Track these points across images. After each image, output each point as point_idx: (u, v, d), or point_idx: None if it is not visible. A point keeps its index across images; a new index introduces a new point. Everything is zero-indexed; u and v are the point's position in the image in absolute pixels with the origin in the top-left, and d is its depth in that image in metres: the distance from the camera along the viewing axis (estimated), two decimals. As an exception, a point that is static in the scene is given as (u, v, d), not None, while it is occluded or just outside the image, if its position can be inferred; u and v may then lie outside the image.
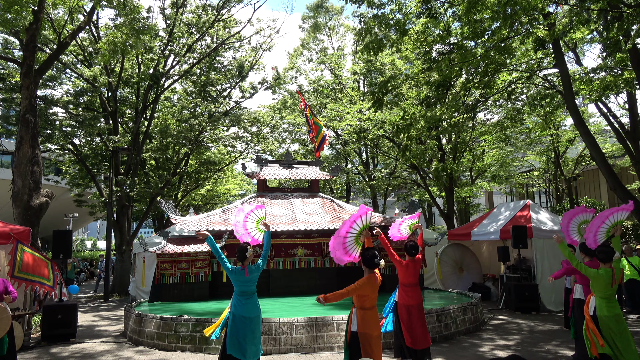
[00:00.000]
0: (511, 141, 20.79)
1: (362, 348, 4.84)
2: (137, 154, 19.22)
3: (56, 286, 9.15)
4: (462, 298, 10.93)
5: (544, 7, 10.44)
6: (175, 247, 11.38)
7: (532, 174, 25.32)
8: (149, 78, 18.97)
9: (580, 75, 14.06)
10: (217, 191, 31.45)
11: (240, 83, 22.97)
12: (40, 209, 11.50)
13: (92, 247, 67.23)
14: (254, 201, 13.34)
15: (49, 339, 9.02)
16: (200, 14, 19.91)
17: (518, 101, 15.96)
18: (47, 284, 8.85)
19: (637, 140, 12.42)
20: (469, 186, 22.05)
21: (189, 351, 7.86)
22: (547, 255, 12.14)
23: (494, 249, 14.07)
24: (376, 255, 5.15)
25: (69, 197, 25.50)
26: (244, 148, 25.29)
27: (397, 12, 11.86)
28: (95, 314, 13.15)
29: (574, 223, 6.41)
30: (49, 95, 20.10)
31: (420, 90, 16.86)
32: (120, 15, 14.35)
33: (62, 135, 18.58)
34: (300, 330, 7.80)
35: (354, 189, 31.43)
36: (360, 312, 4.96)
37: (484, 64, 12.22)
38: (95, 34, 19.04)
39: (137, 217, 24.17)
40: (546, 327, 9.71)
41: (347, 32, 28.37)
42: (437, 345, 8.01)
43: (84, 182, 22.73)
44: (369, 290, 4.98)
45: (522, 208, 13.64)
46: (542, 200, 29.96)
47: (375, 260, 5.10)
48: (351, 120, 21.24)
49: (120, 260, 18.76)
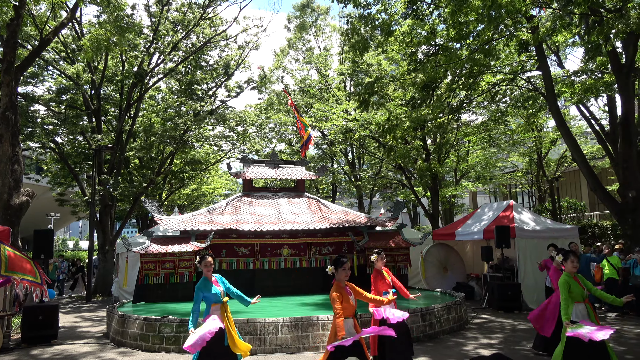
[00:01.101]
0: (495, 142, 21.08)
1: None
2: (121, 152, 18.99)
3: (44, 283, 8.99)
4: (446, 297, 11.03)
5: (527, 10, 10.60)
6: (159, 247, 11.27)
7: (515, 174, 25.69)
8: (133, 76, 18.75)
9: (563, 78, 14.33)
10: (202, 191, 31.23)
11: (226, 82, 22.84)
12: (21, 208, 11.28)
13: (74, 247, 66.17)
14: (239, 200, 13.29)
15: (30, 340, 8.86)
16: (186, 12, 19.74)
17: (502, 103, 16.18)
18: (36, 282, 8.68)
19: (616, 142, 12.68)
20: (453, 186, 22.28)
21: (173, 352, 7.80)
22: (529, 254, 12.32)
23: (478, 249, 14.23)
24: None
25: (51, 196, 25.08)
26: (229, 147, 25.17)
27: (383, 12, 11.91)
28: (77, 315, 12.95)
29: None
30: (30, 92, 19.75)
31: (405, 91, 16.99)
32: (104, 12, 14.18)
33: (44, 133, 18.25)
34: (286, 330, 7.79)
35: (340, 189, 31.51)
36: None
37: (469, 65, 12.37)
38: (79, 31, 18.75)
39: (121, 216, 23.89)
40: (528, 326, 9.85)
41: (334, 32, 28.43)
42: (421, 345, 8.08)
43: (66, 181, 22.36)
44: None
45: (505, 208, 13.82)
46: (525, 200, 30.39)
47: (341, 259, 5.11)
48: (337, 121, 21.29)
49: (103, 260, 18.51)
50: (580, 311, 5.58)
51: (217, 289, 5.47)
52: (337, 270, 5.01)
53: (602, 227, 17.47)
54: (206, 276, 5.54)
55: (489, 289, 12.68)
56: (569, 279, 5.64)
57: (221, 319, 5.41)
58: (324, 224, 12.26)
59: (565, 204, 22.83)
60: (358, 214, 13.81)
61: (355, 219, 12.80)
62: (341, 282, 5.02)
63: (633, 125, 11.91)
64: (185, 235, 11.78)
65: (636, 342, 8.17)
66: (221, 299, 5.45)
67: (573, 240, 12.24)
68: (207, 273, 5.53)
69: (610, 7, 10.14)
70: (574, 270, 5.73)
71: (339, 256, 5.22)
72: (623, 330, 9.14)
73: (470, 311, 11.66)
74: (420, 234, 16.00)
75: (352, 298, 5.00)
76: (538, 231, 12.66)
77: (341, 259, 5.09)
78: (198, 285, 5.47)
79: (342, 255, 5.30)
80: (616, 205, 12.22)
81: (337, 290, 4.94)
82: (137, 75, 18.45)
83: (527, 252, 12.35)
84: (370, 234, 12.64)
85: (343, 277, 5.02)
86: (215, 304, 5.47)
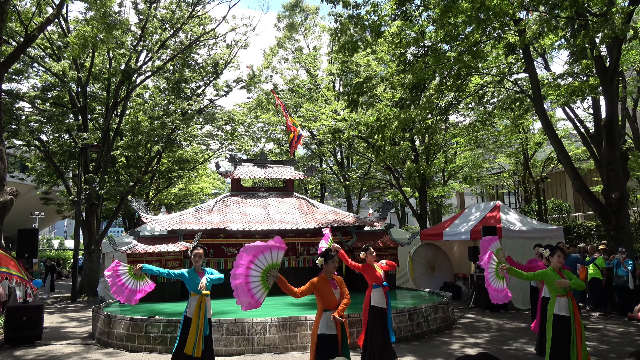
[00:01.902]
0: (482, 143, 21.28)
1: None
2: (107, 151, 18.78)
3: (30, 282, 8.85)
4: (433, 297, 11.11)
5: (515, 13, 10.72)
6: (146, 246, 11.18)
7: (502, 175, 25.94)
8: (120, 74, 18.56)
9: (549, 80, 14.52)
10: (190, 190, 31.03)
11: (215, 81, 22.71)
12: (4, 207, 11.09)
13: (60, 246, 65.25)
14: (227, 200, 13.23)
15: (13, 341, 8.71)
16: (175, 10, 19.59)
17: (489, 104, 16.35)
18: (23, 278, 8.54)
19: (601, 145, 12.88)
20: (441, 187, 22.43)
21: (160, 352, 7.73)
22: (515, 254, 12.41)
23: (465, 249, 14.35)
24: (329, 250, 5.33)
25: (35, 195, 24.69)
26: (218, 146, 25.04)
27: (372, 13, 11.95)
28: (62, 315, 12.78)
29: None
30: (15, 89, 19.42)
31: (394, 91, 17.06)
32: (91, 8, 14.01)
33: (29, 130, 17.97)
34: (274, 330, 7.78)
35: (329, 189, 31.55)
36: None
37: (457, 67, 12.46)
38: (65, 28, 18.50)
39: (107, 216, 23.62)
40: (514, 325, 9.97)
41: (323, 32, 28.46)
42: (408, 344, 8.12)
43: (51, 180, 22.04)
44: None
45: (492, 209, 13.95)
46: (512, 201, 30.71)
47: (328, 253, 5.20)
48: (326, 121, 21.31)
49: (88, 260, 18.30)
50: (562, 304, 5.67)
51: (199, 280, 5.53)
52: (326, 262, 5.09)
53: (587, 227, 17.73)
54: (195, 267, 5.64)
55: (475, 289, 12.79)
56: (552, 272, 5.74)
57: (194, 310, 5.45)
58: (313, 224, 12.26)
59: (551, 205, 23.12)
60: (346, 214, 13.84)
61: (343, 219, 12.83)
62: (327, 275, 5.08)
63: (617, 127, 12.10)
64: (173, 234, 11.70)
65: (619, 341, 8.30)
66: (198, 289, 5.48)
67: (560, 240, 12.40)
68: (195, 264, 5.64)
69: (595, 11, 10.30)
70: (559, 266, 5.81)
71: (328, 249, 5.29)
72: (606, 330, 9.29)
73: (457, 311, 11.75)
74: (408, 234, 16.08)
75: (336, 292, 5.04)
76: (524, 231, 12.80)
77: (330, 253, 5.20)
78: (187, 271, 5.63)
79: (330, 250, 5.40)
80: (600, 206, 12.41)
81: (319, 280, 5.02)
82: (124, 73, 18.27)
83: (514, 252, 12.43)
84: (358, 234, 12.67)
85: (331, 270, 5.09)
86: (195, 294, 5.54)
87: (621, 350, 7.55)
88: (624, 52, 13.37)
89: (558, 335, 5.54)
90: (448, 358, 7.17)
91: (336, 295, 5.02)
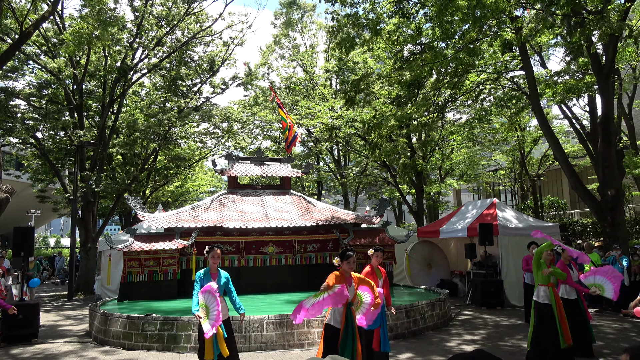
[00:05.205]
0: (479, 141, 21.33)
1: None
2: (104, 149, 18.71)
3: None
4: (430, 294, 11.13)
5: (511, 10, 10.73)
6: (143, 244, 11.15)
7: (499, 173, 26.01)
8: (116, 71, 18.47)
9: (545, 78, 14.55)
10: (187, 188, 30.95)
11: (211, 78, 22.65)
12: (0, 205, 11.05)
13: (56, 244, 65.02)
14: (224, 198, 13.21)
15: (9, 339, 8.69)
16: (171, 7, 19.49)
17: (485, 102, 16.37)
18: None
19: (596, 142, 12.93)
20: (437, 184, 22.47)
21: (157, 350, 7.73)
22: (512, 252, 12.51)
23: (462, 246, 14.39)
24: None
25: (31, 193, 24.63)
26: (214, 144, 24.96)
27: (370, 11, 11.94)
28: (58, 313, 12.75)
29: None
30: (10, 86, 19.30)
31: (391, 89, 17.06)
32: (86, 5, 13.90)
33: (24, 128, 17.86)
34: (271, 328, 7.79)
35: (326, 187, 31.55)
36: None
37: (454, 64, 12.47)
38: (60, 25, 18.38)
39: (103, 213, 23.54)
40: (510, 322, 10.01)
41: (320, 30, 28.40)
42: (405, 341, 8.15)
43: (47, 178, 21.95)
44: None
45: (489, 206, 13.99)
46: (508, 198, 30.81)
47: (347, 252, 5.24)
48: (323, 118, 21.29)
49: (85, 258, 18.25)
50: (541, 292, 6.45)
51: (213, 282, 5.37)
52: (342, 262, 5.17)
53: (583, 224, 17.81)
54: (210, 267, 5.43)
55: (472, 286, 12.84)
56: (542, 263, 6.48)
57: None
58: (310, 222, 12.26)
59: (547, 202, 23.22)
60: (343, 212, 13.85)
61: (340, 217, 12.83)
62: (345, 272, 5.17)
63: (612, 125, 12.15)
64: (170, 232, 11.68)
65: (614, 337, 8.36)
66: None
67: (556, 236, 12.46)
68: (212, 265, 5.42)
69: (591, 9, 10.32)
70: (549, 259, 6.54)
71: (345, 249, 5.29)
72: (602, 326, 9.35)
73: (454, 308, 11.80)
74: (405, 231, 16.12)
75: (350, 289, 5.11)
76: (520, 229, 12.85)
77: (347, 252, 5.20)
78: (199, 274, 5.37)
79: (348, 249, 5.33)
80: (596, 203, 12.46)
81: (337, 275, 5.10)
82: (120, 71, 18.18)
83: (510, 249, 12.54)
84: (355, 231, 12.68)
85: (347, 269, 5.17)
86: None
87: (616, 346, 7.61)
88: (620, 49, 13.41)
89: (538, 322, 6.12)
90: (445, 355, 7.20)
91: (349, 293, 5.06)
